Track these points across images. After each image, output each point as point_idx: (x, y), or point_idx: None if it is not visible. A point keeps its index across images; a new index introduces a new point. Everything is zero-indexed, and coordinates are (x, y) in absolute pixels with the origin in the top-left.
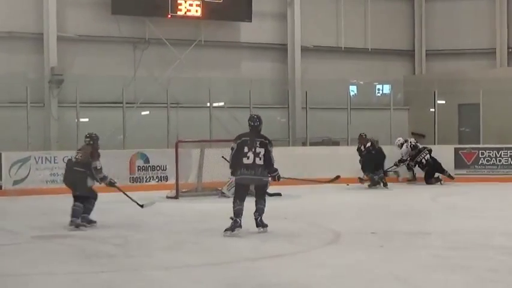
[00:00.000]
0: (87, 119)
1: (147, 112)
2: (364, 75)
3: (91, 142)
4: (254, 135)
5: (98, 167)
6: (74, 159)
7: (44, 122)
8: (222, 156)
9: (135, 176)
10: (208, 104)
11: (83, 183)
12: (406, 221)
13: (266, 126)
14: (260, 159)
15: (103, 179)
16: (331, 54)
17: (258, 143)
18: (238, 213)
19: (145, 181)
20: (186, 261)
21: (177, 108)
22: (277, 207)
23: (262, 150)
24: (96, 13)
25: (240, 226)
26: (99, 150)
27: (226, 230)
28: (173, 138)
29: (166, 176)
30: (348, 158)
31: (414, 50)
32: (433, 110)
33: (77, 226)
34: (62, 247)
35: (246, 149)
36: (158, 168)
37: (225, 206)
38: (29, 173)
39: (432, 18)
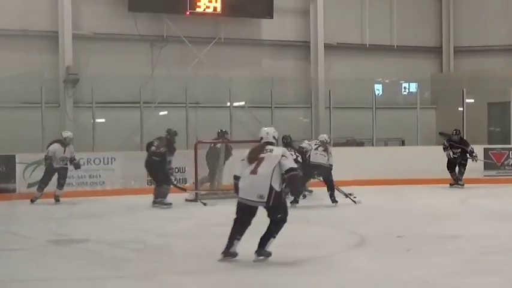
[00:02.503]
0: (103, 120)
1: (165, 112)
2: (389, 73)
3: (168, 136)
4: None
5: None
6: (153, 148)
7: (59, 123)
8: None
9: None
10: (229, 104)
11: (158, 170)
12: (434, 224)
13: (289, 127)
14: None
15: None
16: (355, 51)
17: None
18: None
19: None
20: (207, 266)
21: (196, 108)
22: (300, 210)
23: None
24: (113, 10)
25: None
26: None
27: None
28: (192, 139)
29: (186, 178)
30: (373, 159)
31: (442, 47)
32: (462, 109)
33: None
34: (78, 252)
35: None
36: (177, 170)
37: None
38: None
39: (460, 14)
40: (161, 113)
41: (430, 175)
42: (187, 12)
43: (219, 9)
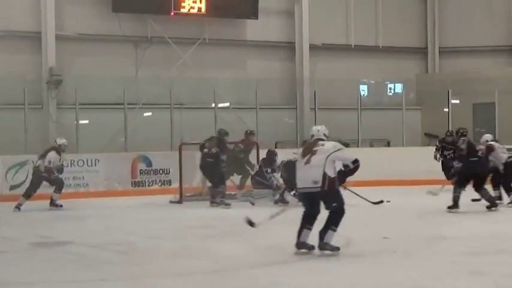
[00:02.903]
0: (87, 121)
1: (150, 113)
2: (375, 74)
3: (217, 136)
4: None
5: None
6: (205, 150)
7: (43, 124)
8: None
9: (137, 180)
10: (213, 105)
11: (213, 171)
12: (420, 225)
13: (273, 128)
14: None
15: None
16: (340, 52)
17: None
18: None
19: (148, 185)
20: (192, 268)
21: (181, 109)
22: (287, 213)
23: None
24: (96, 11)
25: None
26: None
27: None
28: (177, 141)
29: (170, 179)
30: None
31: (427, 48)
32: (447, 109)
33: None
34: (62, 254)
35: None
36: (161, 171)
37: (230, 211)
38: (26, 178)
39: (445, 14)
40: (145, 114)
41: (415, 176)
42: (172, 13)
43: (203, 10)
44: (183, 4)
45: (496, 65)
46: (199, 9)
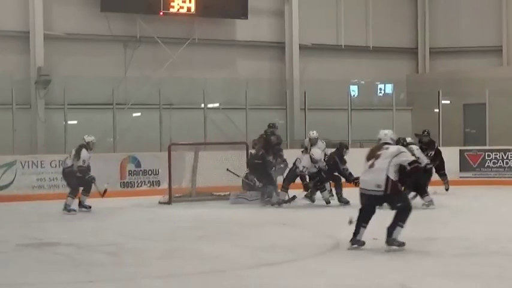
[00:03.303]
0: (75, 121)
1: (139, 114)
2: (365, 74)
3: (264, 135)
4: None
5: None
6: (252, 151)
7: (31, 125)
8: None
9: (126, 181)
10: (203, 105)
11: (261, 172)
12: (410, 226)
13: (263, 128)
14: None
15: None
16: (330, 52)
17: None
18: None
19: (137, 186)
20: (181, 269)
21: (170, 109)
22: (276, 213)
23: None
24: (85, 10)
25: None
26: None
27: None
28: (166, 141)
29: (159, 180)
30: (349, 161)
31: (417, 48)
32: (437, 110)
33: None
34: (51, 255)
35: None
36: (150, 172)
37: (219, 212)
38: (14, 178)
39: (436, 15)
40: (134, 115)
41: None
42: (161, 13)
43: (193, 10)
44: (172, 4)
45: (487, 66)
46: (189, 9)
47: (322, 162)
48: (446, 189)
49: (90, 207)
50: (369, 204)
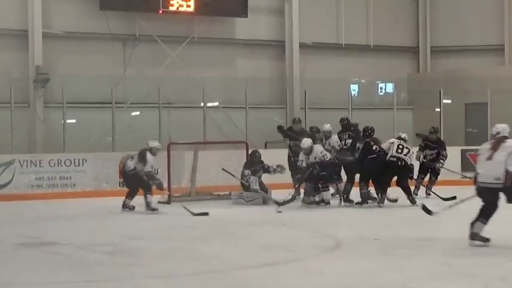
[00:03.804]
0: (74, 120)
1: (138, 113)
2: (365, 73)
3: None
4: None
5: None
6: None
7: (29, 124)
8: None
9: None
10: (202, 104)
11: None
12: (410, 227)
13: (263, 127)
14: None
15: None
16: (331, 51)
17: None
18: None
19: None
20: (179, 269)
21: (169, 108)
22: (274, 212)
23: None
24: (84, 8)
25: None
26: None
27: None
28: (165, 140)
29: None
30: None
31: (418, 47)
32: (439, 109)
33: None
34: (48, 255)
35: None
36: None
37: (218, 211)
38: (13, 178)
39: (437, 13)
40: (133, 114)
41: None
42: (160, 11)
43: (192, 8)
44: (171, 2)
45: (489, 65)
46: (188, 7)
47: (322, 155)
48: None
49: (134, 207)
50: (489, 199)
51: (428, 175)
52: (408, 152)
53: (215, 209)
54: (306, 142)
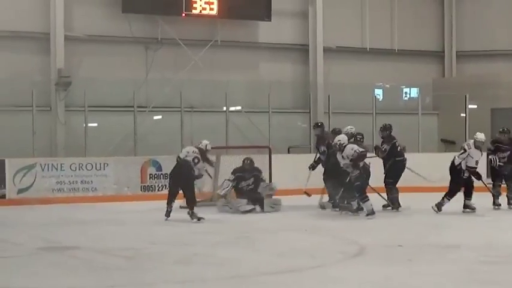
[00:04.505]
0: (95, 124)
1: (160, 117)
2: (390, 78)
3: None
4: None
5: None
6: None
7: (50, 127)
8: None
9: (146, 185)
10: (225, 108)
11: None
12: (435, 233)
13: (286, 132)
14: None
15: None
16: (355, 55)
17: None
18: None
19: (158, 190)
20: (201, 275)
21: (192, 112)
22: (297, 218)
23: None
24: (106, 11)
25: None
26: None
27: None
28: (187, 145)
29: None
30: (373, 166)
31: (444, 51)
32: (464, 115)
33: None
34: (69, 259)
35: None
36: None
37: (239, 217)
38: (34, 181)
39: (463, 17)
40: (155, 118)
41: (430, 183)
42: (183, 14)
43: (215, 11)
44: (194, 5)
45: None
46: (212, 10)
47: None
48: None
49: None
50: None
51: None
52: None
53: (236, 214)
54: (343, 138)
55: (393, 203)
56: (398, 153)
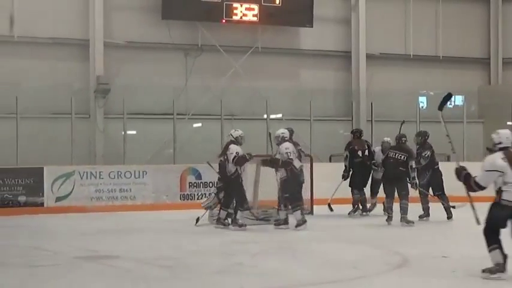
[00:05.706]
0: (134, 132)
1: (200, 124)
2: (434, 85)
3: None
4: None
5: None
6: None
7: (89, 135)
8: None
9: (186, 193)
10: (265, 116)
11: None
12: (482, 244)
13: (328, 140)
14: None
15: None
16: (398, 62)
17: None
18: None
19: (197, 198)
20: (240, 285)
21: (232, 120)
22: (338, 228)
23: None
24: (145, 18)
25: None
26: None
27: None
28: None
29: None
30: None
31: (490, 58)
32: (510, 123)
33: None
34: (106, 268)
35: None
36: (211, 184)
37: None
38: (72, 189)
39: (509, 23)
40: (195, 125)
41: (476, 193)
42: (223, 20)
43: (256, 18)
44: (235, 11)
45: None
46: (254, 16)
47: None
48: None
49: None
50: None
51: None
52: None
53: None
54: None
55: (447, 211)
56: (436, 161)
